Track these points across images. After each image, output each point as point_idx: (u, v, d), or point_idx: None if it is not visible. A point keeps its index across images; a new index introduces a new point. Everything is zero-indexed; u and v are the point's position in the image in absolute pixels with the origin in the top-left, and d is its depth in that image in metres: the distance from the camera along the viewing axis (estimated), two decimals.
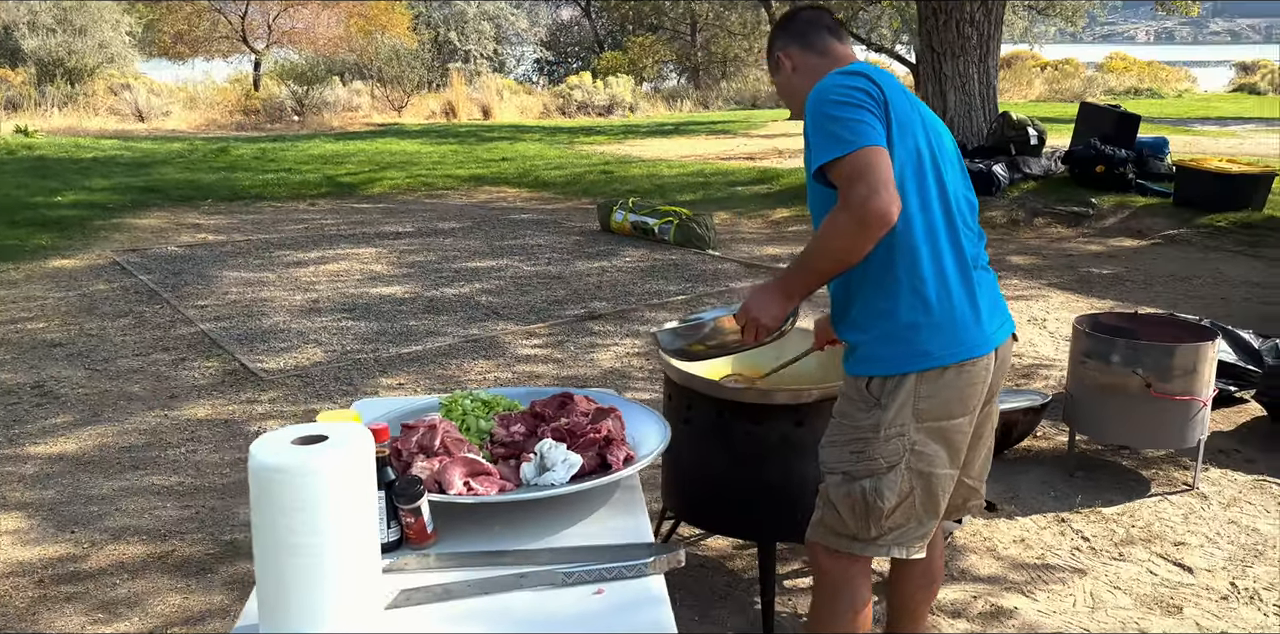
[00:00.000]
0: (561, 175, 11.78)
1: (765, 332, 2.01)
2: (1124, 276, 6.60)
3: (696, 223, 7.47)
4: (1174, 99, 25.38)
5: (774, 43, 2.16)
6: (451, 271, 6.93)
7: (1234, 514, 3.37)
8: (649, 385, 4.62)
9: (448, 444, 1.69)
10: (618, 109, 23.00)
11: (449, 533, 1.63)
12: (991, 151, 8.89)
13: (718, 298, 6.12)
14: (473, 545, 1.59)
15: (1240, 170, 7.89)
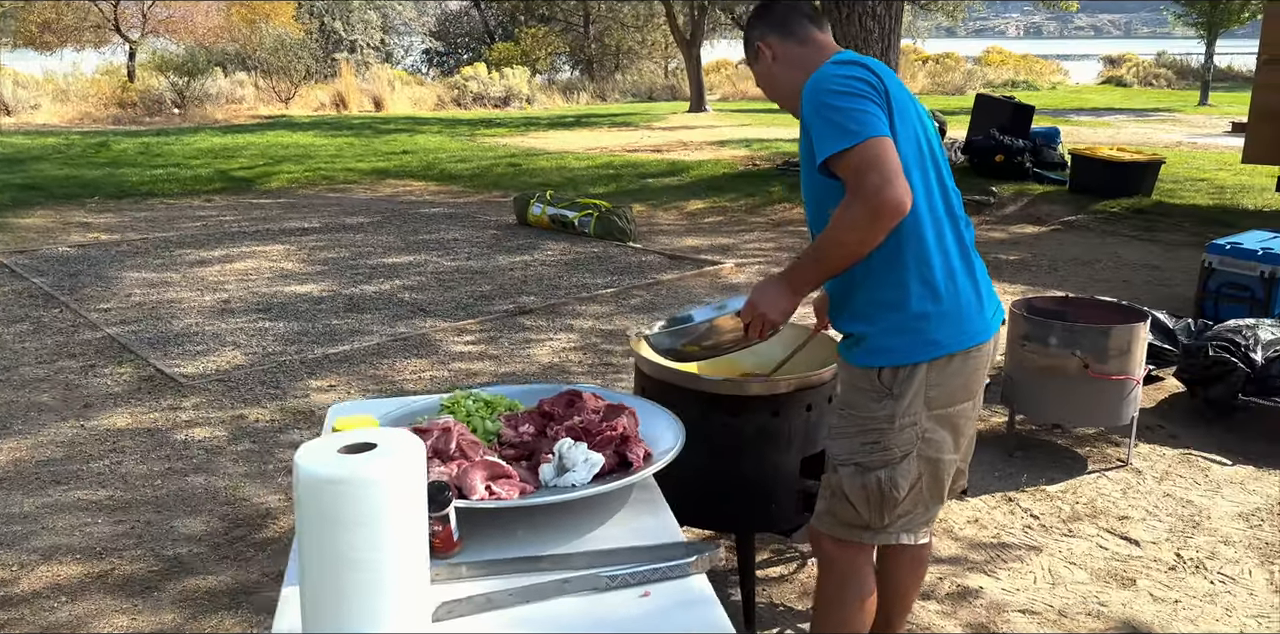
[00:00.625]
0: (468, 168, 11.59)
1: (771, 327, 1.99)
2: (1030, 262, 6.86)
3: (617, 215, 7.44)
4: (1049, 91, 26.52)
5: (752, 32, 2.13)
6: (367, 268, 6.73)
7: (1168, 487, 3.53)
8: (591, 379, 4.58)
9: (464, 447, 1.62)
10: (514, 101, 22.76)
11: (471, 540, 1.56)
12: None
13: (646, 290, 6.11)
14: (497, 552, 1.53)
15: (1131, 158, 8.29)
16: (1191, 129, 15.95)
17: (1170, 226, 7.71)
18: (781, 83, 2.09)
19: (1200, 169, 10.45)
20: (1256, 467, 3.70)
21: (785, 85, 2.08)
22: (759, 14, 2.13)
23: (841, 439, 2.00)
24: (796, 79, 2.05)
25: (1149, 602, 2.82)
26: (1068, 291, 5.92)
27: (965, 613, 2.78)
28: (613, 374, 4.65)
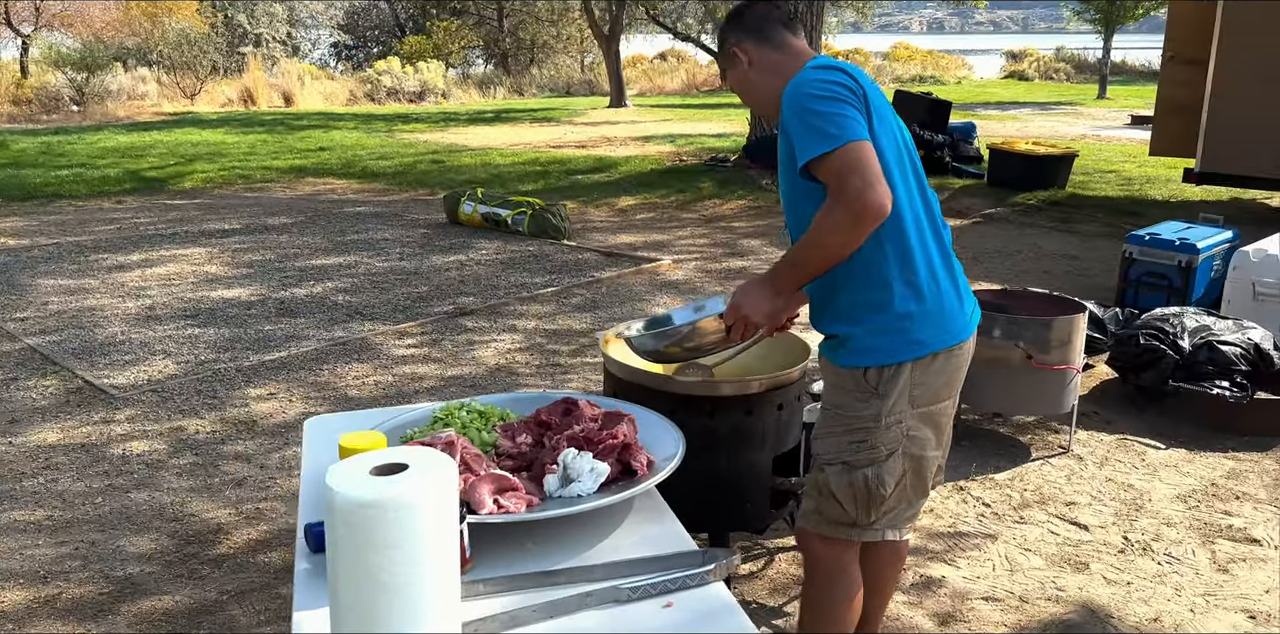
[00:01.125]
0: (390, 165, 11.38)
1: (754, 329, 2.01)
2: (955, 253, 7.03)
3: (551, 213, 7.39)
4: (955, 86, 27.20)
5: (727, 37, 2.13)
6: (296, 270, 6.56)
7: (1109, 472, 3.67)
8: (539, 381, 4.55)
9: (468, 461, 1.59)
10: (430, 96, 22.42)
11: (480, 555, 1.54)
12: None
13: (586, 289, 6.09)
14: (509, 567, 1.52)
15: (1046, 152, 8.57)
16: (1093, 122, 16.55)
17: (1084, 218, 8.00)
18: (758, 88, 2.10)
19: (1108, 161, 10.86)
20: (1188, 450, 3.86)
21: (762, 91, 2.10)
22: (734, 19, 2.14)
23: (828, 438, 2.02)
24: (774, 84, 2.06)
25: (1103, 584, 2.93)
26: (995, 283, 6.10)
27: (931, 603, 2.84)
28: (561, 375, 4.62)
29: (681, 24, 26.85)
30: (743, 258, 6.92)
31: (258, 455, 3.77)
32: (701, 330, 2.05)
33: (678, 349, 2.11)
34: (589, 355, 4.87)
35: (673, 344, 2.10)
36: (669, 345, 2.11)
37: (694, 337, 2.06)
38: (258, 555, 3.06)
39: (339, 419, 2.13)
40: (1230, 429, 3.98)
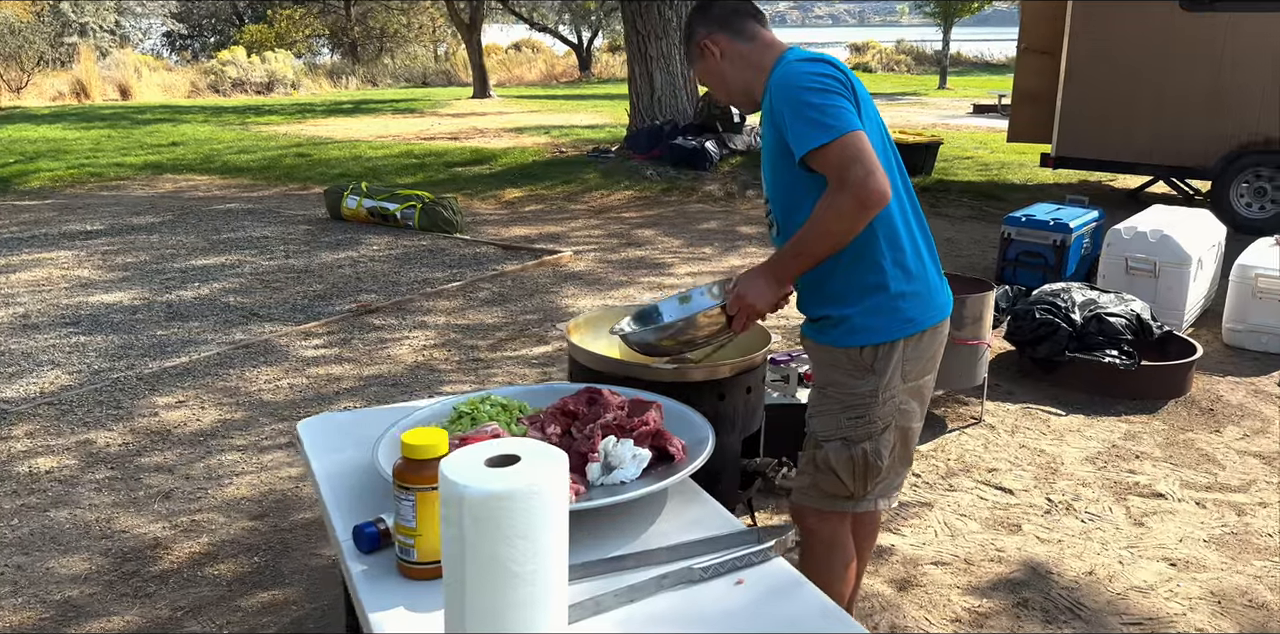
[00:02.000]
0: (253, 160, 10.92)
1: (757, 318, 2.06)
2: None
3: (442, 206, 7.27)
4: None
5: (695, 30, 2.16)
6: (176, 272, 6.25)
7: (1020, 439, 3.92)
8: (463, 376, 4.49)
9: None
10: (279, 87, 21.58)
11: None
12: (700, 129, 9.41)
13: (492, 282, 6.03)
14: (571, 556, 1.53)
15: (914, 140, 8.98)
16: (939, 111, 17.39)
17: (952, 202, 8.43)
18: (731, 80, 2.14)
19: (963, 148, 11.47)
20: (1086, 415, 4.16)
21: (735, 82, 2.14)
22: (701, 11, 2.17)
23: (824, 416, 2.10)
24: (747, 76, 2.12)
25: (1037, 543, 3.14)
26: None
27: (886, 570, 2.99)
28: (485, 370, 4.58)
29: (538, 14, 26.71)
30: (640, 248, 6.99)
31: (180, 466, 3.59)
32: (699, 323, 2.08)
33: (672, 342, 2.13)
34: (509, 349, 4.84)
35: (668, 338, 2.13)
36: (664, 339, 2.13)
37: (690, 329, 2.09)
38: (205, 569, 2.93)
39: (335, 420, 2.07)
40: (1120, 394, 4.31)
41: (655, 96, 9.62)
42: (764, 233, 7.49)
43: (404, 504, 1.43)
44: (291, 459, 3.64)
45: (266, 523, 3.19)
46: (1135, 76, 7.56)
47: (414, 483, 1.42)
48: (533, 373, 4.53)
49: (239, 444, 3.78)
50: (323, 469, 1.83)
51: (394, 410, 2.12)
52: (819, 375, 2.14)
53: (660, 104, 9.62)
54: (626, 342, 2.22)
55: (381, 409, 2.16)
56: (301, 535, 3.11)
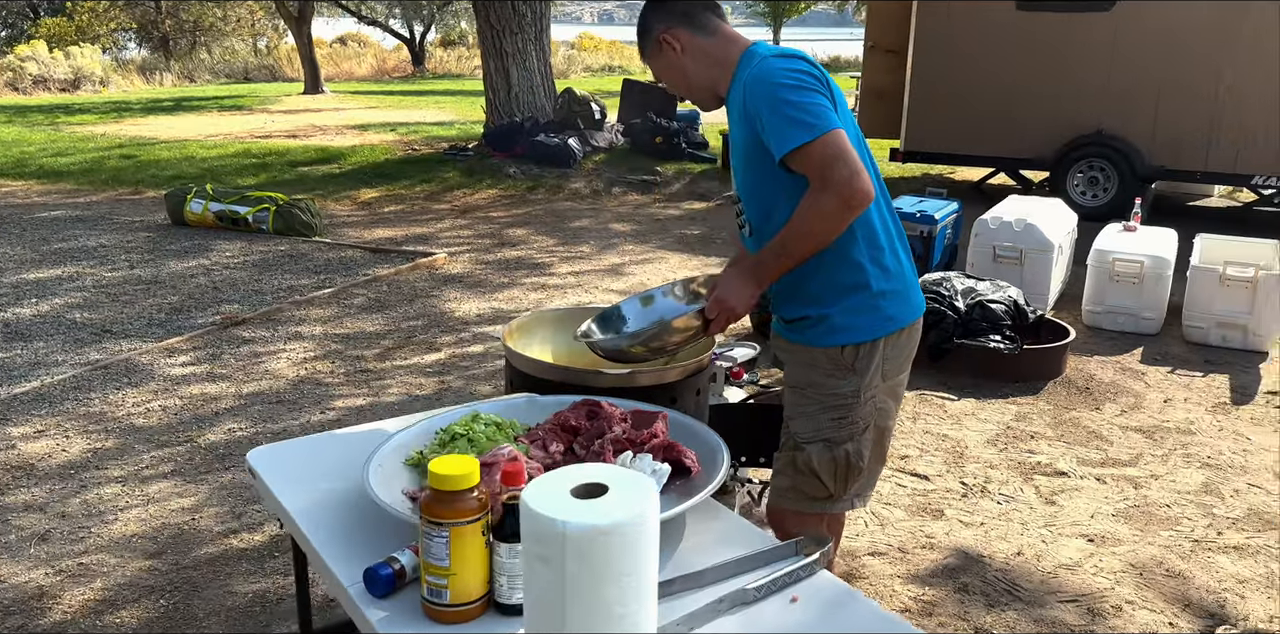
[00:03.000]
0: (72, 163, 10.06)
1: (736, 320, 2.00)
2: (711, 235, 7.37)
3: (299, 208, 6.88)
4: (641, 74, 28.32)
5: (653, 24, 2.08)
6: (7, 287, 5.66)
7: (923, 425, 4.03)
8: (354, 389, 4.25)
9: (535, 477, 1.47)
10: (86, 84, 20.01)
11: None
12: (561, 126, 9.30)
13: (366, 288, 5.74)
14: None
15: None
16: None
17: None
18: (693, 76, 2.08)
19: None
20: (977, 399, 4.33)
21: (697, 78, 2.08)
22: (659, 5, 2.09)
23: (804, 418, 2.07)
24: (712, 73, 2.06)
25: (963, 528, 3.23)
26: None
27: None
28: (376, 381, 4.35)
29: (366, 7, 25.85)
30: (515, 248, 6.83)
31: (52, 503, 3.23)
32: (674, 328, 1.99)
33: (642, 349, 2.04)
34: (399, 358, 4.62)
35: (639, 343, 2.03)
36: (635, 345, 2.03)
37: (664, 335, 2.00)
38: (105, 617, 2.63)
39: (290, 449, 1.88)
40: (1005, 377, 4.50)
41: (513, 93, 9.44)
42: (640, 230, 7.47)
43: (435, 541, 1.29)
44: (181, 489, 3.33)
45: (165, 561, 2.90)
46: (977, 73, 7.96)
47: (448, 517, 1.29)
48: (429, 382, 4.33)
49: (117, 475, 3.43)
50: (296, 505, 1.65)
51: (350, 436, 1.95)
52: (796, 376, 2.09)
53: (518, 100, 9.45)
54: (595, 348, 2.12)
55: (336, 435, 1.98)
56: (209, 572, 2.85)
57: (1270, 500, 3.40)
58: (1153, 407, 4.26)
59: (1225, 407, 4.27)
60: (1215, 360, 4.84)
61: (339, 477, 1.73)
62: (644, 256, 6.66)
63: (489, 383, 4.32)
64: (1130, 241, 5.45)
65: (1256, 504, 3.37)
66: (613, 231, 7.42)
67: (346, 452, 1.81)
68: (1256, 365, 4.79)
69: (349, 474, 1.71)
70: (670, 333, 2.00)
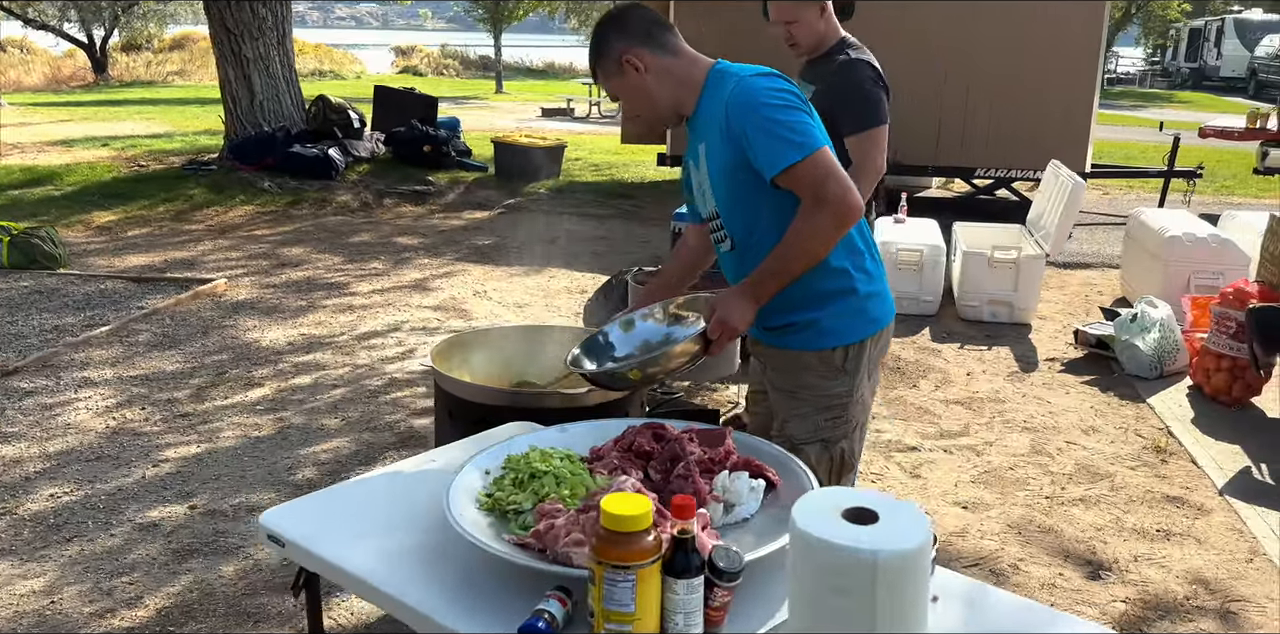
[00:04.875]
0: None
1: (734, 339, 2.00)
2: (505, 244, 7.27)
3: (39, 238, 6.05)
4: (355, 80, 27.30)
5: (613, 44, 2.03)
6: None
7: None
8: (181, 436, 3.81)
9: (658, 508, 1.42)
10: None
11: None
12: (316, 136, 8.79)
13: (148, 322, 5.14)
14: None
15: (544, 144, 9.16)
16: (510, 114, 17.86)
17: (589, 202, 8.75)
18: (658, 96, 2.07)
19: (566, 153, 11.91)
20: None
21: (662, 99, 2.07)
22: (616, 25, 2.05)
23: (800, 419, 2.11)
24: (677, 93, 2.06)
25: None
26: (599, 269, 6.49)
27: None
28: (203, 425, 3.93)
29: (34, 9, 23.05)
30: (298, 268, 6.39)
31: None
32: (675, 353, 1.95)
33: (639, 374, 1.98)
34: (219, 398, 4.20)
35: (635, 368, 1.98)
36: (630, 370, 1.98)
37: (663, 360, 1.96)
38: None
39: (307, 507, 1.68)
40: None
41: (256, 101, 8.79)
42: (428, 242, 7.23)
43: (619, 587, 1.22)
44: (23, 569, 2.85)
45: None
46: None
47: (633, 559, 1.22)
48: (266, 422, 3.97)
49: None
50: (361, 566, 1.48)
51: (363, 486, 1.77)
52: (786, 380, 2.14)
53: (263, 109, 8.82)
54: (592, 378, 2.04)
55: (348, 487, 1.79)
56: None
57: (1089, 454, 3.87)
58: (960, 380, 4.71)
59: (1018, 375, 4.80)
60: (994, 334, 5.42)
61: (391, 530, 1.57)
62: (445, 270, 6.46)
63: (334, 416, 4.03)
64: (904, 233, 5.99)
65: (1080, 459, 3.83)
66: (399, 245, 7.13)
67: (377, 503, 1.66)
68: (1027, 336, 5.43)
69: (401, 526, 1.57)
70: (671, 358, 1.96)
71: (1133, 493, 3.54)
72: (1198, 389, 4.46)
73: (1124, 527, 3.30)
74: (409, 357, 4.79)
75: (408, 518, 1.61)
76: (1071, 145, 7.84)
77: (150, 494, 3.33)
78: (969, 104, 8.14)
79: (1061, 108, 8.00)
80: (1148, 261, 5.76)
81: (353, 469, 3.57)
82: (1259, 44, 25.44)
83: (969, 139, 8.20)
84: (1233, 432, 4.04)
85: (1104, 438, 4.04)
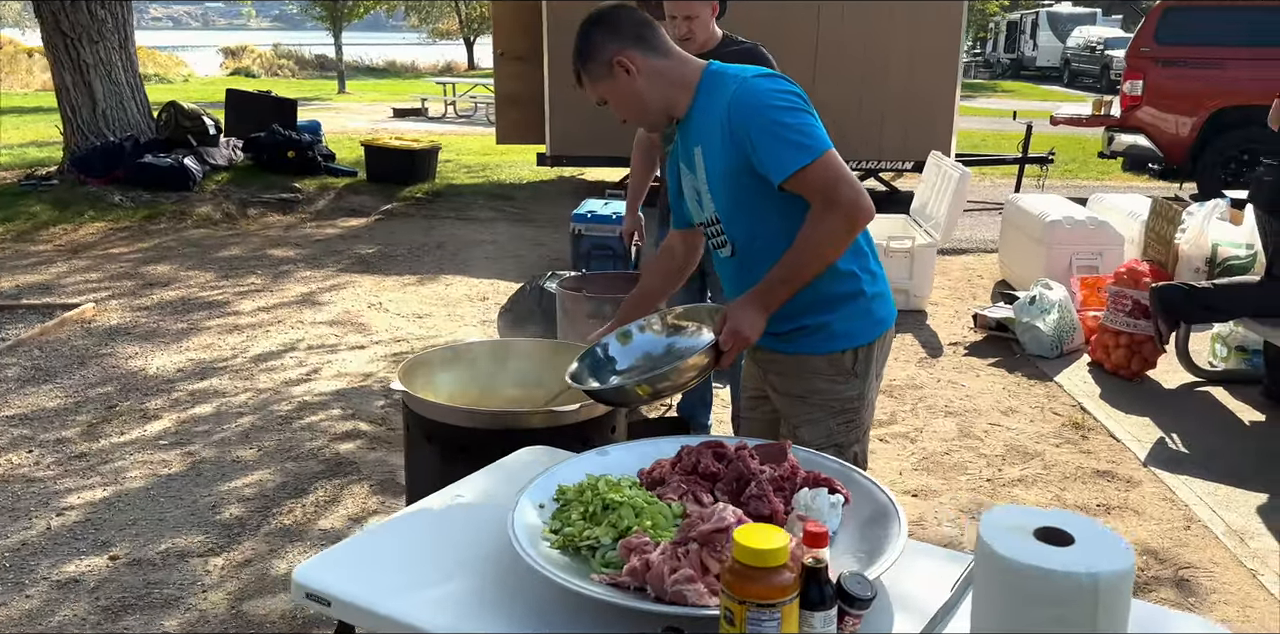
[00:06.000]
0: None
1: (746, 348, 1.93)
2: (390, 253, 6.99)
3: None
4: (183, 83, 25.86)
5: (602, 47, 1.94)
6: None
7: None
8: (81, 480, 3.47)
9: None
10: None
11: None
12: (169, 144, 8.22)
13: (14, 355, 4.67)
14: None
15: (418, 146, 8.85)
16: (360, 115, 17.25)
17: (470, 205, 8.51)
18: (650, 99, 1.99)
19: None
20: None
21: (654, 101, 2.00)
22: (605, 26, 1.96)
23: (812, 425, 2.07)
24: (669, 94, 1.99)
25: None
26: (462, 276, 6.29)
27: None
28: (103, 466, 3.59)
29: None
30: (167, 288, 5.95)
31: None
32: (687, 367, 1.86)
33: (647, 390, 1.89)
34: (113, 435, 3.85)
35: (644, 383, 1.88)
36: (638, 385, 1.88)
37: (672, 375, 1.86)
38: None
39: (342, 557, 1.51)
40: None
41: (99, 110, 8.14)
42: (306, 254, 6.88)
43: (766, 627, 1.14)
44: None
45: None
46: None
47: (778, 596, 1.15)
48: (174, 457, 3.66)
49: None
50: (436, 620, 1.34)
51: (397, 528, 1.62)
52: (795, 386, 2.09)
53: (107, 118, 8.18)
54: (598, 395, 1.93)
55: (382, 530, 1.62)
56: None
57: (1014, 435, 4.01)
58: None
59: (928, 361, 4.94)
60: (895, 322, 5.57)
61: (448, 575, 1.44)
62: (331, 283, 6.15)
63: (248, 446, 3.76)
64: None
65: (1008, 440, 3.96)
66: (275, 258, 6.74)
67: (420, 548, 1.52)
68: (925, 322, 5.60)
69: (457, 571, 1.45)
70: (683, 371, 1.87)
71: (1065, 470, 3.68)
72: (1098, 365, 4.70)
73: (1066, 504, 3.43)
74: (314, 377, 4.53)
75: (459, 561, 1.48)
76: (939, 136, 8.16)
77: (61, 547, 3.01)
78: (840, 99, 8.33)
79: (926, 101, 8.31)
80: (1029, 245, 6.03)
81: (283, 503, 3.33)
82: (1070, 35, 27.25)
83: (842, 133, 8.38)
84: (1139, 404, 4.27)
85: (1023, 418, 4.20)
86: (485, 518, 1.60)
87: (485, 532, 1.55)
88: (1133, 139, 8.71)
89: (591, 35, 1.96)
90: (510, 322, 4.66)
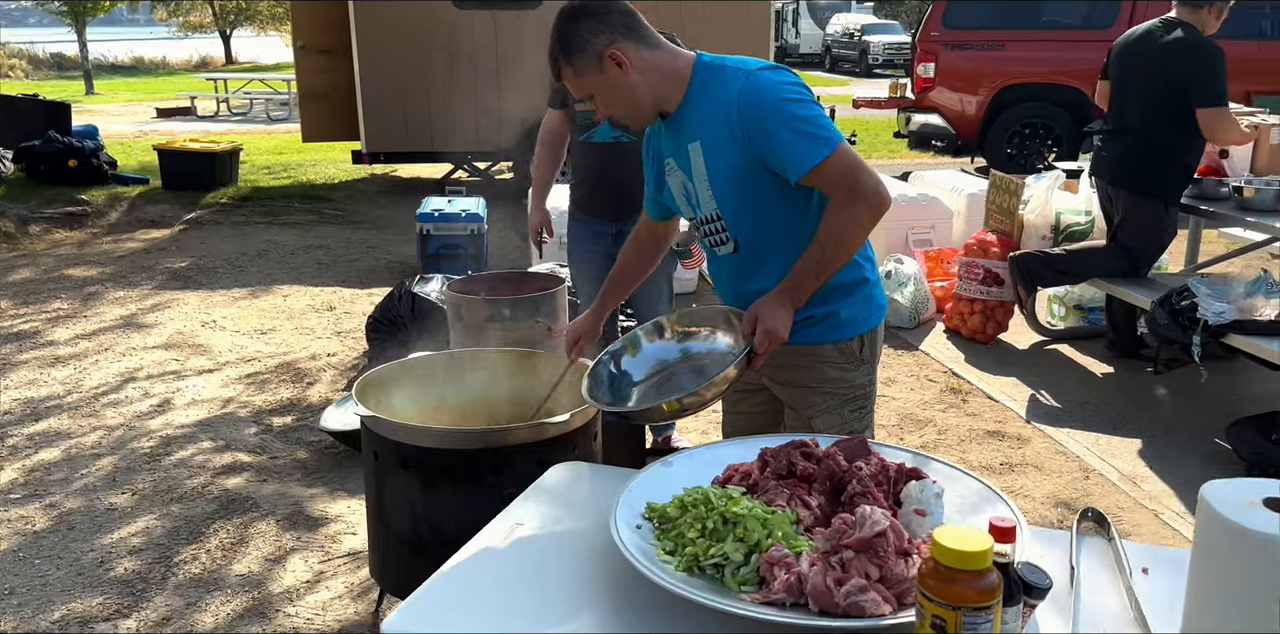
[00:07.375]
0: None
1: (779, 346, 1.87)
2: (208, 265, 6.43)
3: None
4: None
5: (593, 40, 1.84)
6: None
7: None
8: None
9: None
10: None
11: None
12: None
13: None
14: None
15: (218, 148, 8.17)
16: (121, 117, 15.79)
17: (284, 208, 7.95)
18: (642, 94, 1.90)
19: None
20: None
21: (646, 96, 1.92)
22: (595, 19, 1.85)
23: (826, 414, 2.05)
24: (659, 87, 1.92)
25: None
26: (329, 282, 5.89)
27: None
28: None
29: None
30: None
31: None
32: (721, 379, 1.76)
33: (674, 406, 1.79)
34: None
35: (672, 400, 1.77)
36: (667, 402, 1.78)
37: (704, 389, 1.76)
38: None
39: (423, 609, 1.35)
40: None
41: None
42: (112, 272, 6.24)
43: (981, 629, 1.11)
44: None
45: None
46: (427, 71, 7.98)
47: (989, 598, 1.11)
48: (34, 511, 3.22)
49: None
50: None
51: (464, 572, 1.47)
52: (805, 376, 2.06)
53: None
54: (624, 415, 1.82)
55: (448, 576, 1.46)
56: None
57: (902, 404, 4.18)
58: None
59: None
60: None
61: (559, 615, 1.33)
62: (151, 302, 5.59)
63: (118, 492, 3.36)
64: None
65: (898, 409, 4.12)
66: (77, 279, 6.06)
67: (510, 587, 1.39)
68: None
69: (566, 608, 1.34)
70: (715, 385, 1.79)
71: (959, 433, 3.88)
72: (954, 332, 4.99)
73: (973, 466, 3.61)
74: (168, 408, 4.11)
75: (564, 597, 1.36)
76: None
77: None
78: None
79: None
80: None
81: (181, 550, 2.99)
82: (829, 22, 28.79)
83: None
84: (1002, 366, 4.57)
85: (904, 387, 4.39)
86: (567, 545, 1.48)
87: (578, 560, 1.43)
88: (927, 118, 9.30)
89: (577, 27, 1.85)
90: (384, 332, 4.40)
